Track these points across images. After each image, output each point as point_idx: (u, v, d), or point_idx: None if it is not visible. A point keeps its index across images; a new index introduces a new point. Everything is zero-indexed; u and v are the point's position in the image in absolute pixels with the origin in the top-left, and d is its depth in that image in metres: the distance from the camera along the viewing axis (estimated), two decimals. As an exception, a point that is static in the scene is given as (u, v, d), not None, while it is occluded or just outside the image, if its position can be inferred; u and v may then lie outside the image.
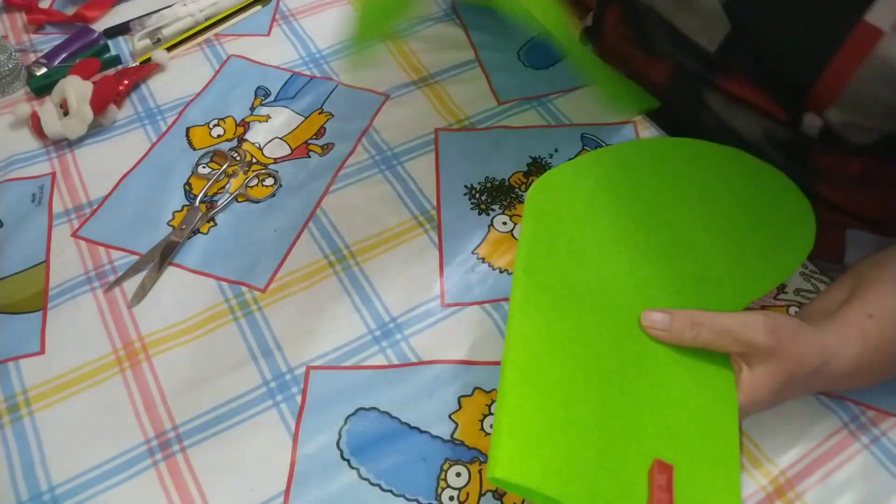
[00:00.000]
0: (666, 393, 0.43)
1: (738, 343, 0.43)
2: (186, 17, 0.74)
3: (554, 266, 0.45)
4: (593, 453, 0.39)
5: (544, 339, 0.41)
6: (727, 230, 0.52)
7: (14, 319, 0.54)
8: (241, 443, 0.48)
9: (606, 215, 0.50)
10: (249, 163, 0.64)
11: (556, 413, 0.39)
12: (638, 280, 0.47)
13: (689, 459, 0.40)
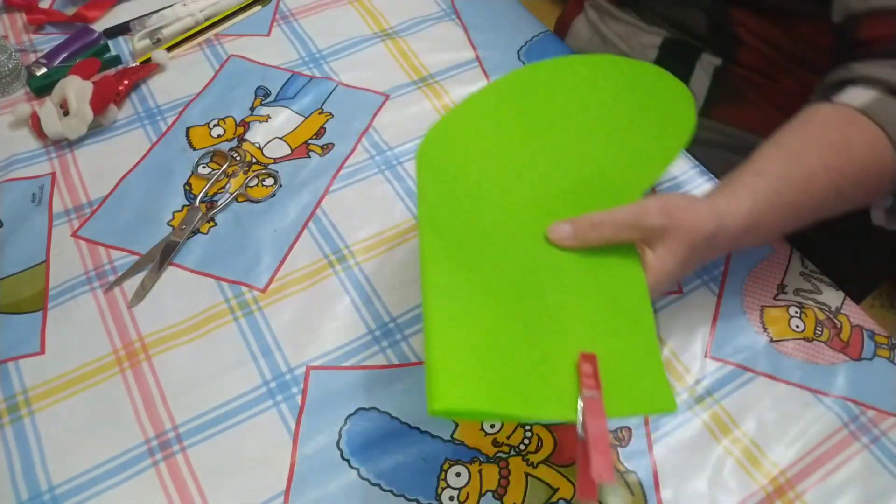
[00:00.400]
0: (580, 293, 0.45)
1: (636, 230, 0.45)
2: (186, 17, 0.74)
3: (456, 213, 0.47)
4: (522, 364, 0.40)
5: (458, 279, 0.43)
6: (610, 130, 0.54)
7: (14, 319, 0.54)
8: (241, 443, 0.48)
9: (497, 150, 0.52)
10: (249, 163, 0.64)
11: (481, 338, 0.40)
12: (539, 200, 0.49)
13: (610, 346, 0.42)
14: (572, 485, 0.46)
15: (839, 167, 0.48)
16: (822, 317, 0.54)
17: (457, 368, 0.39)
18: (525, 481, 0.47)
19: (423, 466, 0.47)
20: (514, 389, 0.39)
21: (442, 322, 0.41)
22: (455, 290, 0.42)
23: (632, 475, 0.47)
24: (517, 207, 0.49)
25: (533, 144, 0.53)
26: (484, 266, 0.45)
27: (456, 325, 0.40)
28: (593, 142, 0.53)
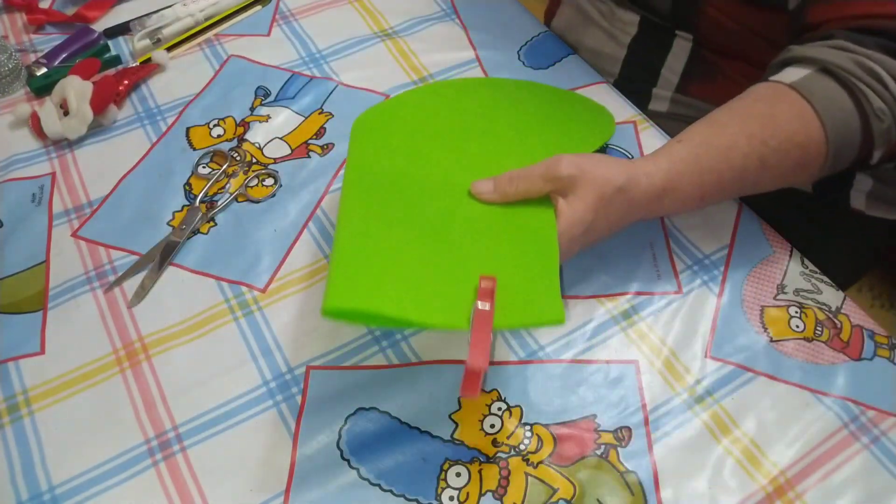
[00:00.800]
0: (490, 233, 0.49)
1: (548, 181, 0.48)
2: (186, 17, 0.74)
3: (381, 172, 0.52)
4: (423, 281, 0.44)
5: (371, 212, 0.48)
6: (536, 132, 0.59)
7: (14, 319, 0.54)
8: (241, 443, 0.48)
9: (427, 134, 0.56)
10: (249, 163, 0.64)
11: (384, 255, 0.45)
12: (462, 173, 0.52)
13: (512, 271, 0.46)
14: (572, 485, 0.46)
15: (762, 136, 0.50)
16: (822, 317, 0.54)
17: (352, 273, 0.43)
18: (525, 481, 0.47)
19: (423, 466, 0.47)
20: (410, 298, 0.43)
21: (346, 237, 0.45)
22: (366, 218, 0.47)
23: (632, 475, 0.47)
24: (441, 175, 0.53)
25: (462, 135, 0.57)
26: (399, 208, 0.49)
27: (359, 242, 0.45)
28: (520, 138, 0.58)
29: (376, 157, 0.53)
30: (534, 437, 0.48)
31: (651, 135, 0.65)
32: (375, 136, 0.55)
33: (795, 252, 0.58)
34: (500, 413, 0.49)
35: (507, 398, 0.50)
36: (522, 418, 0.49)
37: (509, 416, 0.49)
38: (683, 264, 0.57)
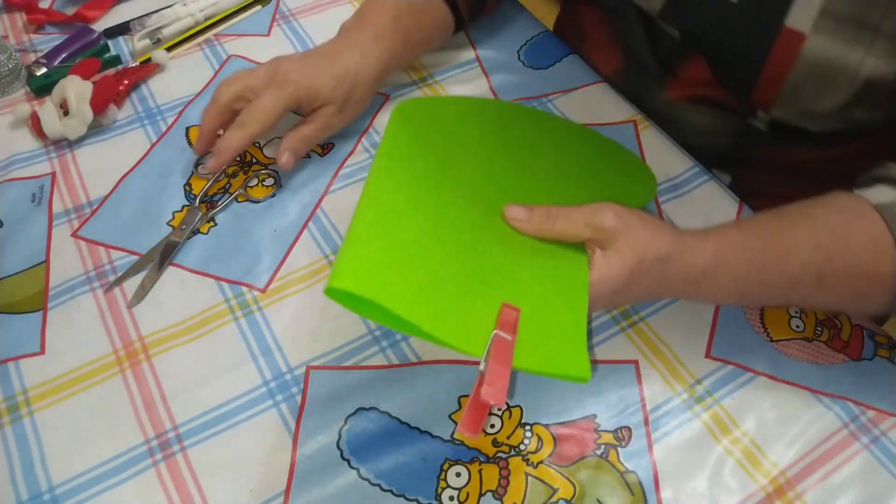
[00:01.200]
0: (520, 260, 0.46)
1: (589, 228, 0.45)
2: (186, 17, 0.74)
3: (416, 161, 0.49)
4: (443, 290, 0.41)
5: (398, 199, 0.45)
6: (576, 177, 0.57)
7: (14, 319, 0.54)
8: (241, 443, 0.48)
9: (469, 145, 0.54)
10: (249, 163, 0.64)
11: (402, 245, 0.42)
12: (503, 185, 0.51)
13: (537, 309, 0.43)
14: (572, 485, 0.46)
15: (828, 252, 0.45)
16: (822, 317, 0.54)
17: (365, 257, 0.40)
18: (525, 481, 0.47)
19: (423, 466, 0.47)
20: (422, 303, 0.40)
21: (365, 220, 0.42)
22: (389, 206, 0.44)
23: (632, 475, 0.47)
24: (473, 189, 0.50)
25: (501, 157, 0.55)
26: (426, 207, 0.46)
27: (378, 228, 0.42)
28: (559, 177, 0.56)
29: (411, 148, 0.50)
30: (534, 437, 0.48)
31: (651, 134, 0.65)
32: (415, 126, 0.52)
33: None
34: (500, 413, 0.49)
35: (507, 398, 0.50)
36: (522, 418, 0.49)
37: (509, 417, 0.49)
38: (683, 264, 0.57)
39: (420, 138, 0.52)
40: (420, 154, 0.50)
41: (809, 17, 0.49)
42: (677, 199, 0.61)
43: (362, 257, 0.40)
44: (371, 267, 0.40)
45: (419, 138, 0.51)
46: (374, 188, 0.45)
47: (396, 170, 0.47)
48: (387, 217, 0.43)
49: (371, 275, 0.39)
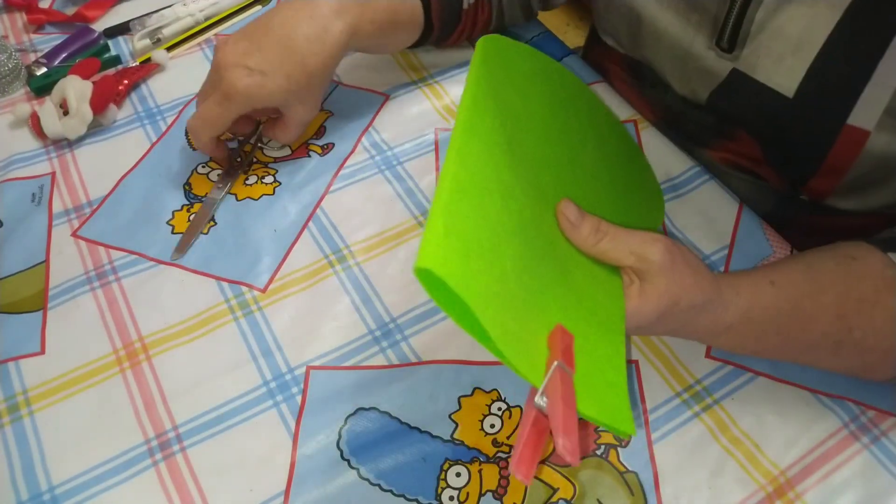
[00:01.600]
0: (567, 270, 0.43)
1: (633, 256, 0.43)
2: (186, 16, 0.74)
3: (495, 127, 0.44)
4: (511, 287, 0.37)
5: (483, 159, 0.40)
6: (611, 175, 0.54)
7: (14, 319, 0.54)
8: (241, 443, 0.48)
9: (537, 103, 0.50)
10: (249, 162, 0.64)
11: (488, 229, 0.37)
12: (554, 171, 0.47)
13: (582, 345, 0.39)
14: (572, 485, 0.46)
15: (850, 323, 0.44)
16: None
17: (460, 248, 0.34)
18: (525, 481, 0.47)
19: (423, 466, 0.47)
20: (498, 308, 0.35)
21: (456, 187, 0.36)
22: (476, 170, 0.38)
23: (632, 475, 0.47)
24: (537, 166, 0.46)
25: (558, 139, 0.51)
26: (505, 177, 0.41)
27: (468, 201, 0.36)
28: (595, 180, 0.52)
29: (491, 101, 0.44)
30: (534, 437, 0.48)
31: (651, 134, 0.65)
32: (495, 75, 0.46)
33: (795, 252, 0.58)
34: (500, 413, 0.49)
35: (507, 398, 0.50)
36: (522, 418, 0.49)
37: (509, 417, 0.49)
38: (683, 264, 0.57)
39: (499, 92, 0.46)
40: (498, 112, 0.45)
41: (874, 116, 0.47)
42: (677, 199, 0.61)
43: (453, 237, 0.34)
44: (461, 250, 0.34)
45: (498, 92, 0.46)
46: (462, 145, 0.39)
47: (480, 126, 0.41)
48: (473, 187, 0.38)
49: (460, 261, 0.34)
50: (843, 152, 0.50)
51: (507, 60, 0.48)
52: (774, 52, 0.50)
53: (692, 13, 0.54)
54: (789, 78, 0.50)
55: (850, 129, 0.49)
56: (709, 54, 0.54)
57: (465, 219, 0.36)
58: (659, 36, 0.57)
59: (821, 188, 0.54)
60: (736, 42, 0.52)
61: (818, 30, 0.47)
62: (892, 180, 0.50)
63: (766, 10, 0.49)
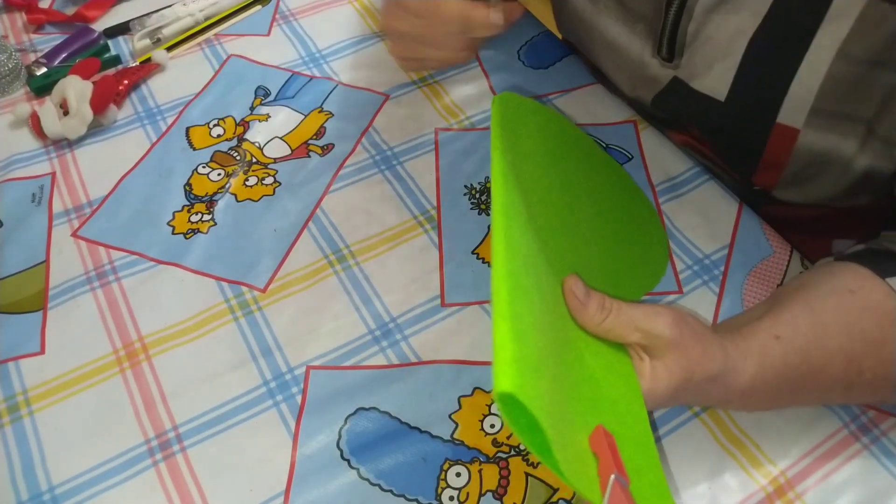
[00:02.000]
0: (585, 360, 0.41)
1: (639, 332, 0.41)
2: (186, 16, 0.74)
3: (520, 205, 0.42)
4: (557, 398, 0.35)
5: (524, 264, 0.38)
6: (604, 233, 0.53)
7: (14, 319, 0.54)
8: (241, 443, 0.48)
9: (543, 166, 0.49)
10: (249, 162, 0.64)
11: (541, 345, 0.35)
12: (555, 238, 0.46)
13: (616, 436, 0.38)
14: (572, 485, 0.46)
15: (861, 365, 0.44)
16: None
17: (528, 368, 0.32)
18: (525, 481, 0.47)
19: (423, 466, 0.47)
20: (555, 426, 0.33)
21: (513, 284, 0.34)
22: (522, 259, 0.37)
23: None
24: (543, 237, 0.44)
25: (559, 199, 0.49)
26: (537, 263, 0.39)
27: (523, 298, 0.35)
28: (590, 236, 0.51)
29: (516, 169, 0.42)
30: (534, 437, 0.48)
31: (651, 133, 0.65)
32: (514, 137, 0.45)
33: (795, 252, 0.58)
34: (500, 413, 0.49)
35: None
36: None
37: (509, 416, 0.49)
38: (683, 264, 0.57)
39: (517, 160, 0.45)
40: (519, 184, 0.43)
41: (801, 115, 0.49)
42: (677, 199, 0.61)
43: (524, 347, 0.33)
44: (532, 366, 0.32)
45: (517, 160, 0.44)
46: (506, 232, 0.37)
47: (513, 206, 0.40)
48: (524, 280, 0.36)
49: (533, 380, 0.32)
50: (776, 149, 0.52)
51: (520, 120, 0.48)
52: (706, 60, 0.52)
53: (637, 23, 0.56)
54: (720, 83, 0.52)
55: (780, 128, 0.50)
56: (653, 62, 0.56)
57: (526, 322, 0.34)
58: (609, 44, 0.59)
59: (765, 182, 0.56)
60: (674, 52, 0.53)
61: (742, 36, 0.49)
62: (826, 175, 0.52)
63: (697, 21, 0.51)
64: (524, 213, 0.41)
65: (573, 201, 0.51)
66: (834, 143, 0.49)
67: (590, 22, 0.60)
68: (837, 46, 0.45)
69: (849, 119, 0.48)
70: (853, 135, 0.48)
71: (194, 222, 0.59)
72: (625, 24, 0.56)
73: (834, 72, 0.46)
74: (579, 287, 0.43)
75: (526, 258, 0.38)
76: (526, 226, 0.41)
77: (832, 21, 0.45)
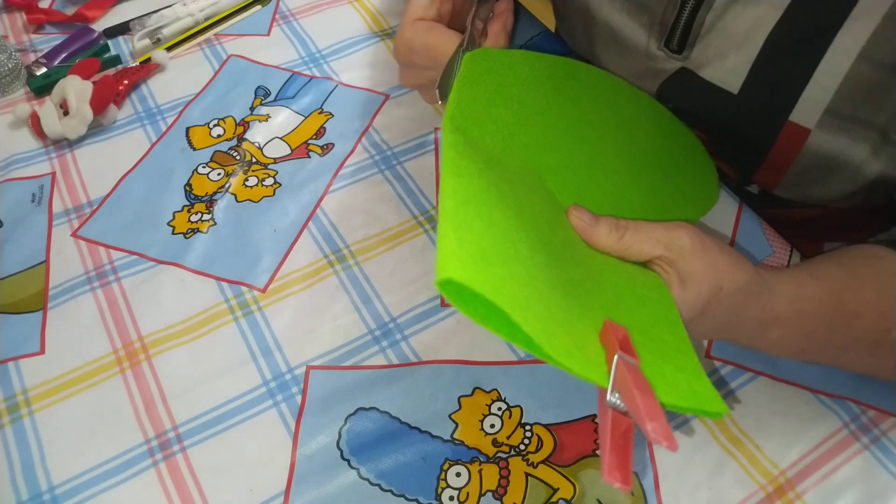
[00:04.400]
0: (595, 268, 0.41)
1: (661, 244, 0.41)
2: (186, 16, 0.74)
3: (486, 137, 0.42)
4: (541, 288, 0.35)
5: (479, 174, 0.38)
6: (641, 165, 0.51)
7: (14, 319, 0.54)
8: (241, 443, 0.48)
9: (535, 110, 0.48)
10: (249, 163, 0.64)
11: (503, 239, 0.35)
12: (562, 178, 0.45)
13: (640, 336, 0.37)
14: (572, 485, 0.46)
15: (889, 322, 0.43)
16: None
17: (477, 249, 0.33)
18: (525, 481, 0.47)
19: (423, 466, 0.47)
20: (537, 315, 0.33)
21: (458, 201, 0.35)
22: (475, 184, 0.37)
23: (632, 475, 0.47)
24: (537, 172, 0.44)
25: (568, 140, 0.49)
26: (506, 190, 0.39)
27: (473, 211, 0.35)
28: (623, 162, 0.50)
29: (480, 117, 0.43)
30: (534, 437, 0.48)
31: (651, 135, 0.65)
32: (485, 87, 0.45)
33: (795, 252, 0.58)
34: (500, 413, 0.49)
35: (507, 398, 0.50)
36: (522, 418, 0.49)
37: (509, 416, 0.49)
38: (683, 264, 0.57)
39: (488, 106, 0.45)
40: (489, 128, 0.43)
41: (815, 115, 0.48)
42: (677, 199, 0.61)
43: (468, 244, 0.33)
44: (479, 257, 0.33)
45: (487, 106, 0.44)
46: (454, 152, 0.38)
47: (470, 132, 0.40)
48: (475, 199, 0.36)
49: (481, 267, 0.32)
50: (784, 148, 0.51)
51: (495, 73, 0.47)
52: (720, 51, 0.51)
53: (641, 14, 0.55)
54: (734, 75, 0.50)
55: (791, 126, 0.49)
56: (658, 54, 0.55)
57: (475, 228, 0.34)
58: (612, 36, 0.58)
59: (766, 181, 0.55)
60: (685, 44, 0.52)
61: (761, 28, 0.48)
62: (831, 178, 0.51)
63: (715, 12, 0.50)
64: (489, 154, 0.41)
65: (590, 140, 0.50)
66: (844, 146, 0.48)
67: (593, 13, 0.59)
68: (860, 47, 0.44)
69: (862, 123, 0.47)
70: (865, 140, 0.48)
71: (194, 222, 0.59)
72: (629, 15, 0.55)
73: (853, 73, 0.45)
74: (582, 212, 0.43)
75: (484, 186, 0.38)
76: (492, 163, 0.40)
77: (856, 20, 0.44)
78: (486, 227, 0.35)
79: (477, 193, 0.37)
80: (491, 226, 0.35)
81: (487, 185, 0.38)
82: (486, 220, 0.35)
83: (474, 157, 0.39)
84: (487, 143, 0.42)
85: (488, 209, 0.36)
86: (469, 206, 0.35)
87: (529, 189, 0.42)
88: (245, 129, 0.66)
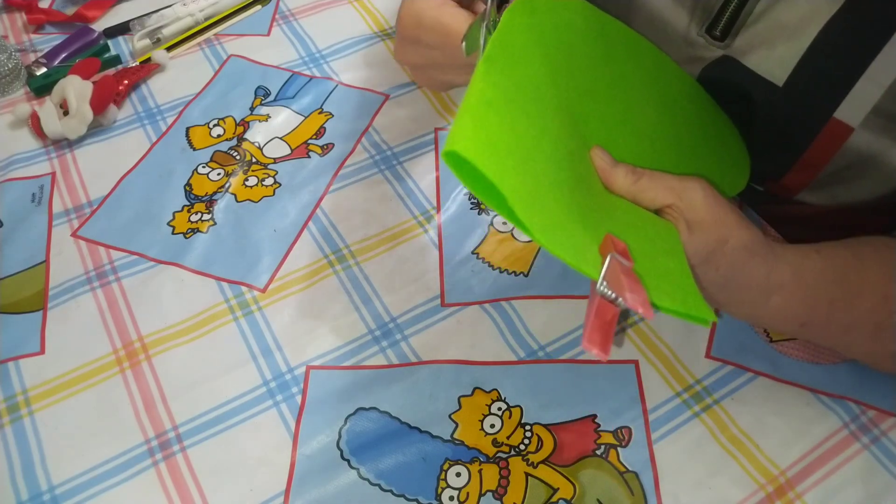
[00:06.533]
0: (612, 200, 0.43)
1: (673, 192, 0.42)
2: (186, 16, 0.74)
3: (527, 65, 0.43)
4: (549, 201, 0.36)
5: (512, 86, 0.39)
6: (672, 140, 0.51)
7: (14, 319, 0.54)
8: (241, 443, 0.48)
9: (582, 60, 0.48)
10: (249, 162, 0.64)
11: (521, 136, 0.37)
12: (594, 128, 0.46)
13: (641, 252, 0.38)
14: (572, 485, 0.46)
15: (893, 306, 0.43)
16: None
17: (487, 129, 0.34)
18: (525, 481, 0.47)
19: (423, 466, 0.47)
20: (540, 208, 0.35)
21: (486, 95, 0.36)
22: (506, 89, 0.38)
23: (632, 475, 0.47)
24: (573, 111, 0.45)
25: (606, 100, 0.49)
26: (537, 108, 0.40)
27: (498, 106, 0.36)
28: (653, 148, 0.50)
29: (525, 46, 0.43)
30: (534, 437, 0.48)
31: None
32: (532, 24, 0.45)
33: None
34: (500, 413, 0.49)
35: (507, 398, 0.50)
36: (522, 418, 0.49)
37: (509, 416, 0.49)
38: (683, 264, 0.57)
39: (535, 39, 0.44)
40: (534, 60, 0.43)
41: (861, 113, 0.47)
42: (677, 199, 0.61)
43: (484, 127, 0.34)
44: (489, 143, 0.34)
45: (535, 39, 0.44)
46: (490, 69, 0.38)
47: (509, 62, 0.41)
48: (503, 105, 0.37)
49: (490, 152, 0.33)
50: (823, 146, 0.50)
51: (551, 12, 0.47)
52: (767, 41, 0.49)
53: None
54: (781, 66, 0.49)
55: (835, 123, 0.48)
56: (698, 41, 0.53)
57: (493, 124, 0.35)
58: (651, 20, 0.56)
59: (796, 182, 0.54)
60: (729, 32, 0.51)
61: (815, 19, 0.47)
62: (864, 179, 0.50)
63: (768, 0, 0.49)
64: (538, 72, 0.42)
65: (629, 102, 0.50)
66: (885, 146, 0.47)
67: None
68: None
69: None
70: None
71: (194, 222, 0.59)
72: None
73: None
74: (606, 154, 0.44)
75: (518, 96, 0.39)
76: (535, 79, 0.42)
77: None
78: (505, 130, 0.36)
79: (504, 102, 0.37)
80: (511, 131, 0.36)
81: (516, 98, 0.39)
82: (507, 126, 0.36)
83: (510, 75, 0.40)
84: (528, 73, 0.42)
85: (511, 118, 0.37)
86: (492, 108, 0.36)
87: (560, 122, 0.43)
88: (245, 129, 0.66)
